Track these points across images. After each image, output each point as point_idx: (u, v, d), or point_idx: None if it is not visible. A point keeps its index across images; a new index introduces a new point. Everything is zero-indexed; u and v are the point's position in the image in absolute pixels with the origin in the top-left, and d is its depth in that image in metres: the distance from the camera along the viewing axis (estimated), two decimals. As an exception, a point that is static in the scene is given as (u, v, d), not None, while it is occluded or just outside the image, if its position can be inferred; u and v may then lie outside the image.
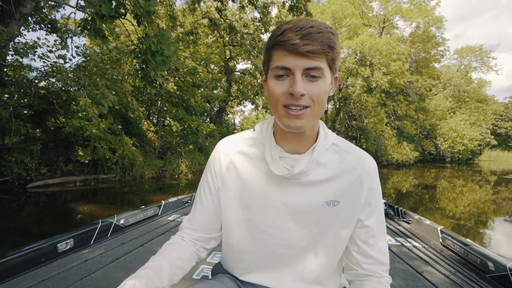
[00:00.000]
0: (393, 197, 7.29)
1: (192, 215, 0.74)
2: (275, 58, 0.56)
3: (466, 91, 29.34)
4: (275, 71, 0.56)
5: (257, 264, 0.70)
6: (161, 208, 2.88)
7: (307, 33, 0.52)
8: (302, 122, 0.56)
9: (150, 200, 5.74)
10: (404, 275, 1.72)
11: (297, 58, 0.53)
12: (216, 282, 0.69)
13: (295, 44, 0.52)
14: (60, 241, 1.74)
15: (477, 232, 4.45)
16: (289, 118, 0.56)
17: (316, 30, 0.52)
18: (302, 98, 0.54)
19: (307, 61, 0.53)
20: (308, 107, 0.55)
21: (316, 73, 0.54)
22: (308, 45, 0.52)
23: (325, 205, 0.63)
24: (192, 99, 11.11)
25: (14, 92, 6.03)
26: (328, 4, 21.39)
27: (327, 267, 0.68)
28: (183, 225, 0.75)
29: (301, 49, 0.52)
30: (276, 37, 0.54)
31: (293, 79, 0.54)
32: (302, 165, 0.61)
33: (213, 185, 0.72)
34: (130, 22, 5.71)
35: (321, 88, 0.55)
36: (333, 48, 0.54)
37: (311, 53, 0.52)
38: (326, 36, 0.53)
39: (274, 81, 0.57)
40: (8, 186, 5.98)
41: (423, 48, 23.59)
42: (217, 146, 0.74)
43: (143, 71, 4.97)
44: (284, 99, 0.56)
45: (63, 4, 6.93)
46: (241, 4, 11.16)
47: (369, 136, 19.47)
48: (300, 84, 0.53)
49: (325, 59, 0.55)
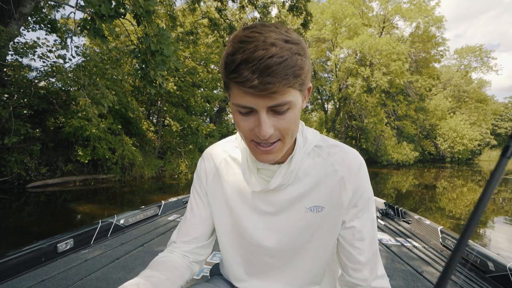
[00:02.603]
0: (393, 197, 7.29)
1: (183, 225, 0.71)
2: (234, 94, 0.48)
3: (466, 91, 29.38)
4: (237, 107, 0.49)
5: (247, 272, 0.70)
6: (161, 208, 2.88)
7: (266, 68, 0.42)
8: (274, 155, 0.53)
9: (150, 200, 5.74)
10: (404, 275, 1.72)
11: (258, 98, 0.45)
12: (211, 285, 0.69)
13: (253, 87, 0.43)
14: (60, 241, 1.74)
15: (477, 232, 4.45)
16: (260, 154, 0.53)
17: (278, 60, 0.42)
18: (271, 135, 0.49)
19: (270, 100, 0.46)
20: (279, 140, 0.51)
21: (283, 108, 0.47)
22: (269, 84, 0.43)
23: (308, 211, 0.61)
24: (192, 99, 11.11)
25: (14, 92, 6.03)
26: (328, 4, 21.40)
27: (317, 272, 0.67)
28: (174, 239, 0.71)
29: (261, 92, 0.44)
30: (231, 73, 0.45)
31: (258, 117, 0.48)
32: (278, 179, 0.59)
33: (203, 193, 0.71)
34: (130, 22, 5.71)
35: (290, 119, 0.49)
36: (301, 74, 0.46)
37: (274, 93, 0.44)
38: (290, 64, 0.44)
39: (238, 116, 0.51)
40: (7, 186, 5.98)
41: (423, 48, 23.61)
42: (203, 155, 0.72)
43: (143, 71, 4.97)
44: (252, 135, 0.51)
45: (63, 4, 6.93)
46: (241, 4, 11.17)
47: (369, 136, 19.49)
48: (265, 125, 0.47)
49: (293, 89, 0.47)
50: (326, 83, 22.99)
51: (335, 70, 20.99)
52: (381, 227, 2.74)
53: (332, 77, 22.25)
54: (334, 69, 21.03)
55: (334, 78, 21.52)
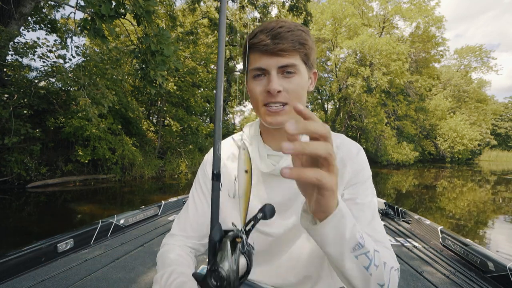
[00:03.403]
0: (393, 197, 7.29)
1: (182, 220, 0.72)
2: (251, 61, 0.60)
3: (466, 91, 29.38)
4: (252, 73, 0.59)
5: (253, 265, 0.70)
6: (161, 208, 2.88)
7: (277, 33, 0.55)
8: (283, 118, 0.58)
9: (150, 200, 5.74)
10: (404, 275, 1.72)
11: (270, 57, 0.56)
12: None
13: (266, 45, 0.55)
14: (60, 241, 1.75)
15: (477, 232, 4.45)
16: (270, 115, 0.59)
17: (286, 30, 0.56)
18: (279, 94, 0.57)
19: (280, 59, 0.56)
20: (287, 104, 0.58)
21: (290, 69, 0.57)
22: (279, 44, 0.55)
23: None
24: (192, 99, 11.12)
25: (14, 92, 6.03)
26: (328, 4, 21.39)
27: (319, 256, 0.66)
28: (175, 232, 0.71)
29: (272, 49, 0.55)
30: (249, 40, 0.58)
31: (269, 77, 0.57)
32: (287, 160, 0.63)
33: (206, 188, 0.71)
34: (130, 22, 5.71)
35: (297, 83, 0.58)
36: (305, 44, 0.57)
37: (282, 51, 0.55)
38: (296, 34, 0.56)
39: (253, 82, 0.60)
40: (8, 186, 5.98)
41: (423, 48, 23.60)
42: (210, 150, 0.73)
43: (143, 71, 4.97)
44: (263, 98, 0.59)
45: (63, 4, 6.92)
46: (241, 4, 11.18)
47: (369, 136, 19.48)
48: (275, 82, 0.56)
49: (298, 55, 0.58)
50: (326, 83, 22.97)
51: (335, 70, 20.99)
52: (381, 227, 2.75)
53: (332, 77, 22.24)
54: (334, 69, 21.03)
55: (334, 78, 21.51)
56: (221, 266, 0.34)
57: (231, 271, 0.34)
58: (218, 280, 0.35)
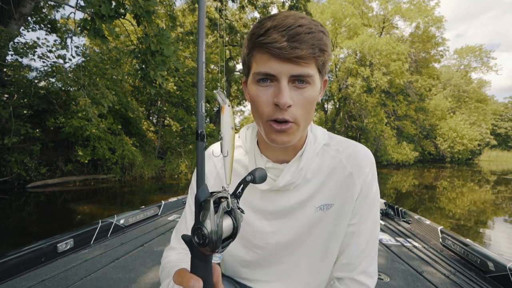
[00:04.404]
0: (393, 197, 7.29)
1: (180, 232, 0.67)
2: (257, 61, 0.49)
3: (466, 91, 29.38)
4: (257, 76, 0.49)
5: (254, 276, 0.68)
6: (161, 208, 2.88)
7: (295, 34, 0.44)
8: (289, 137, 0.51)
9: (150, 200, 5.74)
10: (404, 275, 1.72)
11: (282, 63, 0.46)
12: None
13: (281, 48, 0.44)
14: (60, 241, 1.75)
15: (477, 232, 4.45)
16: (275, 133, 0.51)
17: (306, 30, 0.45)
18: (288, 109, 0.48)
19: (294, 67, 0.46)
20: (294, 123, 0.50)
21: (304, 79, 0.48)
22: (297, 49, 0.44)
23: (318, 210, 0.59)
24: (192, 99, 11.12)
25: (14, 92, 6.03)
26: (328, 4, 21.42)
27: (324, 272, 0.65)
28: (174, 245, 0.67)
29: (288, 54, 0.45)
30: (258, 36, 0.47)
31: (278, 86, 0.48)
32: (287, 176, 0.57)
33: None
34: (130, 22, 5.71)
35: (309, 96, 0.49)
36: (325, 51, 0.48)
37: (299, 58, 0.45)
38: (317, 37, 0.46)
39: (257, 87, 0.50)
40: (8, 186, 5.98)
41: (423, 48, 23.60)
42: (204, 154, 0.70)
43: (143, 71, 4.97)
44: (269, 111, 0.49)
45: (63, 4, 6.93)
46: (241, 4, 11.18)
47: (369, 136, 19.48)
48: (286, 94, 0.47)
49: (315, 63, 0.48)
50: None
51: (335, 70, 20.99)
52: (381, 227, 2.75)
53: (332, 77, 22.24)
54: (334, 69, 21.03)
55: (334, 78, 21.51)
56: (204, 225, 0.35)
57: (213, 229, 0.35)
58: (200, 238, 0.35)
